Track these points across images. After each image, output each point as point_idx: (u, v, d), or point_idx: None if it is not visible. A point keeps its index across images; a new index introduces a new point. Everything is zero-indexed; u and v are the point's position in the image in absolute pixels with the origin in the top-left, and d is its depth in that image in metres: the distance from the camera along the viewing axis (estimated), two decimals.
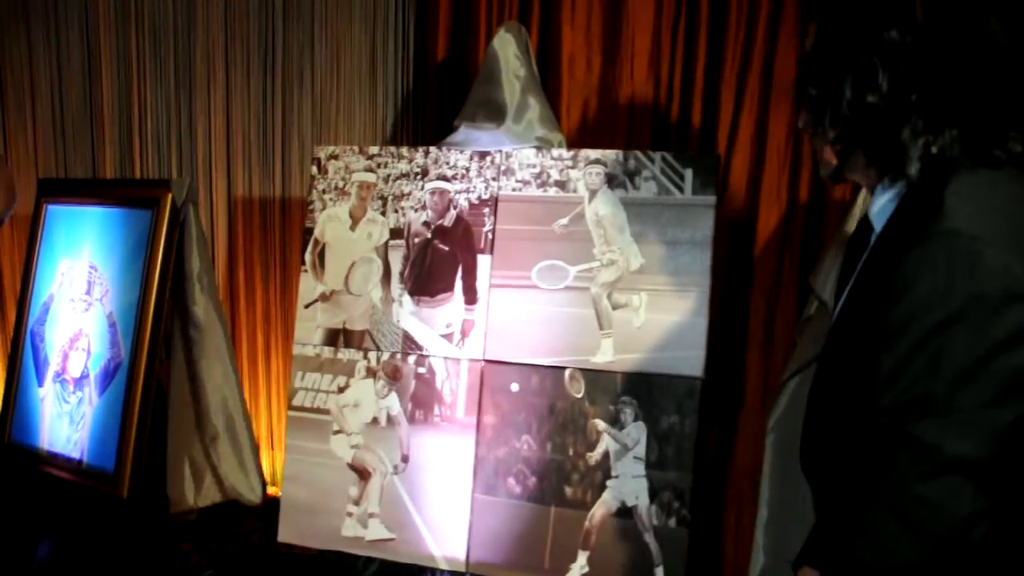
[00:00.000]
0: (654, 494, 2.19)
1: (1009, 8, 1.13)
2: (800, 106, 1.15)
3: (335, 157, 2.57)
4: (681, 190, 2.24)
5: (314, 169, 2.59)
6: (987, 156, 1.01)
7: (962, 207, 0.97)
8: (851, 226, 2.16)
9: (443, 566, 2.35)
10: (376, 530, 2.40)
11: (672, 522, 2.18)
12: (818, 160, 1.18)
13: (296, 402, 2.53)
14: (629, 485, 2.20)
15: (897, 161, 1.04)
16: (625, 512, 2.21)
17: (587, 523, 2.23)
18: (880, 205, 1.10)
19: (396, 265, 2.47)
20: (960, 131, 1.01)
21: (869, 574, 1.04)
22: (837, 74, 1.05)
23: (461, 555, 2.34)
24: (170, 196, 2.89)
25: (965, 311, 0.93)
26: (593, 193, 2.30)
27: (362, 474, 2.44)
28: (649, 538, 2.19)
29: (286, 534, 2.52)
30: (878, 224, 1.11)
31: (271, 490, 3.89)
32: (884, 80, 1.01)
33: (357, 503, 2.43)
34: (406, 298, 2.45)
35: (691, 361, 2.17)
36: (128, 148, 3.70)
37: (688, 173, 2.24)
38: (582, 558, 2.23)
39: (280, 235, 3.60)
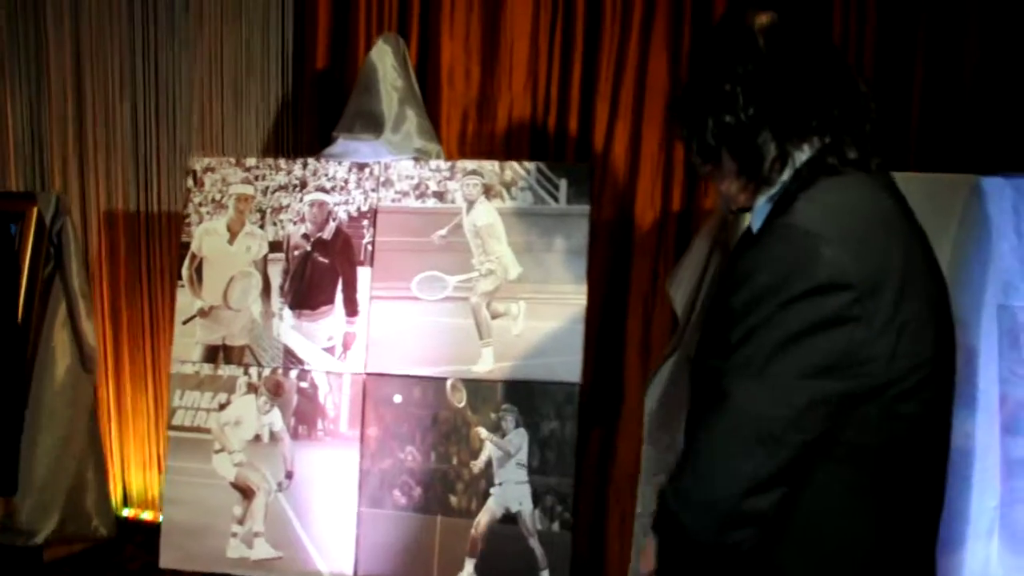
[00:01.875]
0: (537, 499, 2.23)
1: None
2: (686, 151, 1.28)
3: (211, 169, 2.52)
4: (556, 199, 2.30)
5: (190, 181, 2.54)
6: (825, 164, 1.15)
7: (806, 207, 1.10)
8: (702, 245, 2.30)
9: None
10: (262, 549, 2.37)
11: (556, 526, 2.22)
12: (719, 196, 1.33)
13: (176, 421, 2.47)
14: (512, 491, 2.24)
15: (757, 168, 1.18)
16: (510, 518, 2.25)
17: (473, 531, 2.26)
18: (756, 212, 1.24)
19: (276, 279, 2.44)
20: (816, 142, 1.16)
21: (676, 527, 1.11)
22: (703, 106, 1.21)
23: (349, 570, 2.33)
24: (36, 209, 2.78)
25: (796, 296, 1.03)
26: (471, 204, 2.33)
27: (246, 493, 2.40)
28: (534, 543, 2.23)
29: (168, 559, 2.46)
30: (756, 228, 1.24)
31: (151, 515, 3.78)
32: (739, 102, 1.17)
33: (241, 522, 2.39)
34: (287, 312, 2.42)
35: (569, 367, 2.22)
36: None
37: (563, 183, 2.29)
38: (469, 566, 2.26)
39: (158, 249, 3.49)
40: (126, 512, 3.72)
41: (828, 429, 1.05)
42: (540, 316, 2.25)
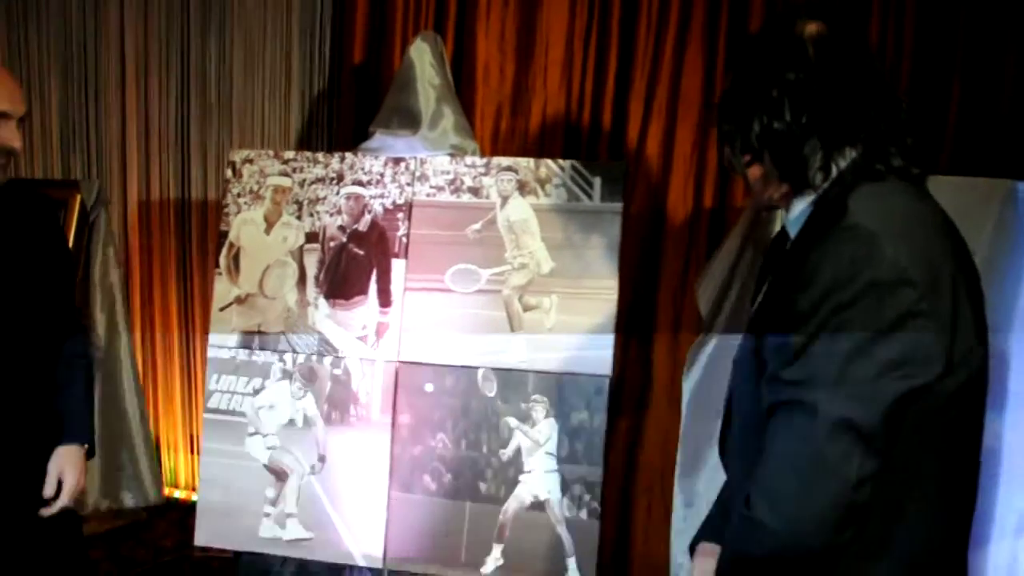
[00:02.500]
0: (565, 488, 2.28)
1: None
2: (720, 144, 1.33)
3: (250, 161, 2.58)
4: (590, 197, 2.34)
5: (229, 173, 2.60)
6: (871, 170, 1.19)
7: (862, 209, 1.13)
8: (733, 243, 2.35)
9: (361, 563, 2.39)
10: (294, 530, 2.43)
11: (583, 514, 2.27)
12: (752, 194, 1.35)
13: (212, 404, 2.53)
14: (541, 480, 2.29)
15: (802, 174, 1.21)
16: (538, 506, 2.29)
17: (501, 517, 2.31)
18: (795, 215, 1.27)
19: (311, 269, 2.50)
20: (857, 149, 1.20)
21: (765, 534, 1.12)
22: (749, 108, 1.24)
23: (379, 552, 2.38)
24: (79, 197, 2.86)
25: (863, 294, 1.06)
26: (505, 199, 2.38)
27: (279, 475, 2.46)
28: (561, 530, 2.27)
29: (203, 537, 2.52)
30: (793, 231, 1.28)
31: (184, 494, 3.87)
32: (787, 109, 1.20)
33: (274, 504, 2.45)
34: (321, 301, 2.48)
35: (600, 360, 2.27)
36: (43, 149, 3.62)
37: (596, 181, 2.34)
38: (497, 551, 2.31)
39: (196, 238, 3.58)
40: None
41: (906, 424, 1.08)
42: (572, 310, 2.30)
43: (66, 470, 1.87)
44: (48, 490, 1.85)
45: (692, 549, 1.44)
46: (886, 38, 2.61)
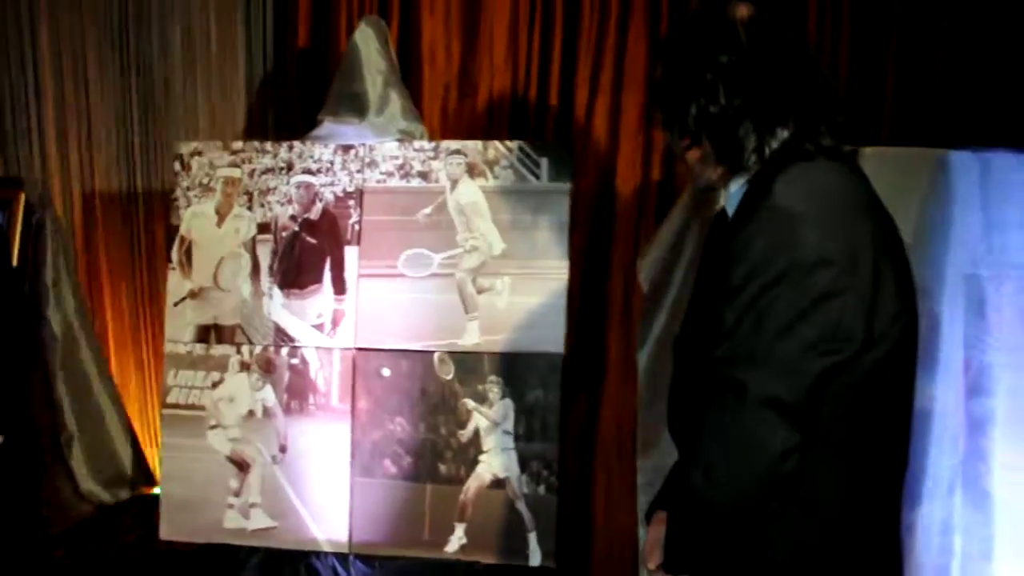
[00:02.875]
0: (524, 465, 2.33)
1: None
2: (665, 134, 1.37)
3: (199, 153, 2.57)
4: (538, 177, 2.37)
5: (177, 166, 2.59)
6: (801, 150, 1.23)
7: (786, 190, 1.17)
8: (676, 220, 2.41)
9: (327, 548, 2.43)
10: (259, 519, 2.45)
11: (542, 490, 2.32)
12: (692, 175, 1.40)
13: (170, 400, 2.54)
14: (500, 458, 2.34)
15: (737, 155, 1.26)
16: (498, 484, 2.34)
17: (462, 497, 2.35)
18: (731, 195, 1.32)
19: (265, 259, 2.50)
20: (788, 129, 1.24)
21: (701, 503, 1.20)
22: (684, 95, 1.27)
23: (344, 537, 2.42)
24: (23, 196, 2.82)
25: (785, 273, 1.11)
26: (455, 183, 2.40)
27: (241, 466, 2.48)
28: (521, 506, 2.33)
29: (168, 531, 2.54)
30: (731, 211, 1.33)
31: (145, 489, 3.85)
32: (721, 92, 1.23)
33: (238, 495, 2.47)
34: (276, 291, 2.49)
35: (552, 338, 2.31)
36: None
37: (544, 161, 2.37)
38: (459, 530, 2.35)
39: (143, 233, 3.52)
40: None
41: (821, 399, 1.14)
42: (524, 291, 2.33)
43: None
44: None
45: (648, 518, 1.50)
46: (824, 13, 2.66)
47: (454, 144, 2.44)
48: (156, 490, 3.61)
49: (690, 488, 1.22)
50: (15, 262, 2.76)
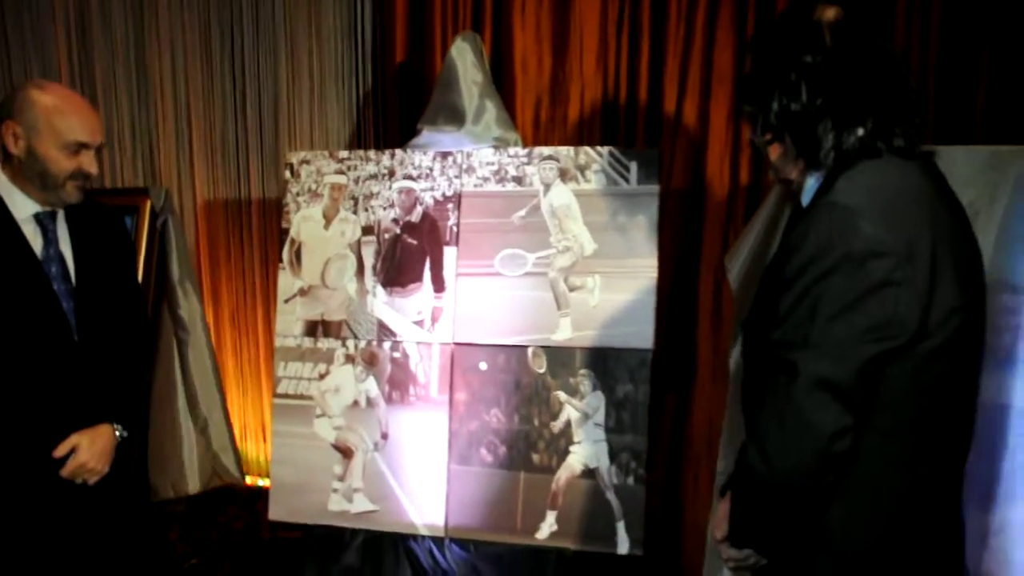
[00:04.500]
0: (613, 456, 2.42)
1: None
2: (740, 120, 1.44)
3: (307, 162, 2.75)
4: (627, 181, 2.46)
5: (287, 173, 2.77)
6: (872, 147, 1.27)
7: (847, 186, 1.23)
8: (763, 218, 2.43)
9: (424, 532, 2.56)
10: (361, 503, 2.60)
11: (631, 480, 2.41)
12: (772, 170, 1.46)
13: (280, 390, 2.71)
14: (590, 449, 2.43)
15: (814, 152, 1.31)
16: (588, 474, 2.44)
17: (554, 485, 2.46)
18: (807, 190, 1.38)
19: (369, 259, 2.66)
20: (865, 128, 1.27)
21: (757, 479, 1.26)
22: (768, 90, 1.33)
23: (440, 521, 2.55)
24: (149, 203, 3.05)
25: (838, 265, 1.17)
26: (548, 186, 2.52)
27: (345, 452, 2.63)
28: (610, 496, 2.42)
29: (276, 512, 2.70)
30: (805, 203, 1.39)
31: (249, 480, 4.06)
32: (804, 91, 1.29)
33: (342, 479, 2.63)
34: (379, 289, 2.65)
35: (642, 335, 2.40)
36: (111, 156, 3.83)
37: (633, 165, 2.46)
38: (551, 517, 2.46)
39: (251, 236, 3.77)
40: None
41: (876, 383, 1.20)
42: (615, 288, 2.43)
43: (82, 444, 1.95)
44: (56, 451, 1.93)
45: (723, 493, 1.57)
46: (912, 13, 2.66)
47: (547, 150, 2.55)
48: (261, 481, 3.84)
49: (747, 465, 1.28)
50: (142, 266, 2.99)
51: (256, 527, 3.66)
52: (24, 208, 1.95)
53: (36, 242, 1.96)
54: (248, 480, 4.06)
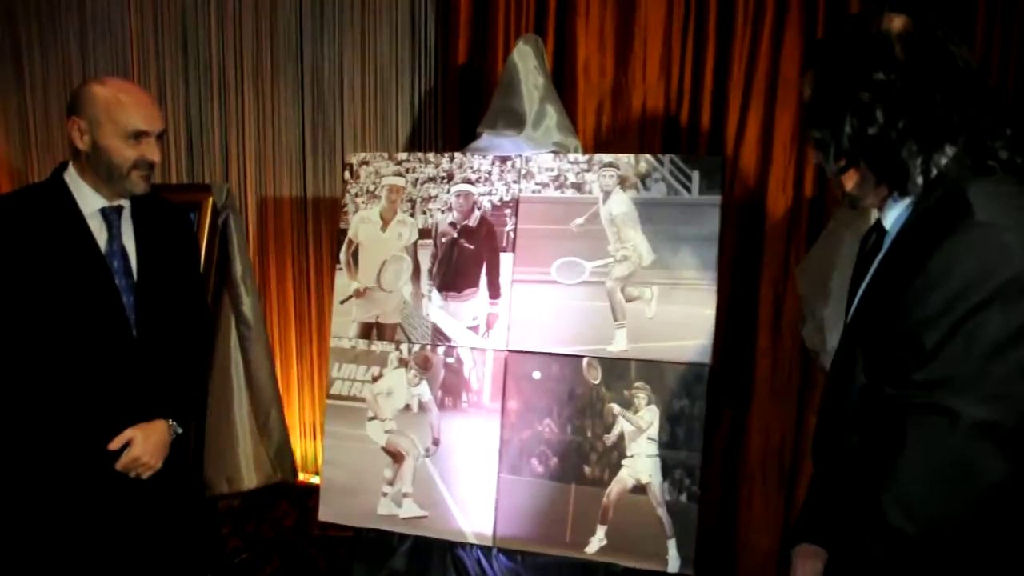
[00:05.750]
0: (666, 472, 2.36)
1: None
2: (808, 145, 1.33)
3: (366, 163, 2.75)
4: (689, 190, 2.41)
5: (346, 174, 2.78)
6: (983, 166, 1.15)
7: (987, 204, 1.09)
8: (838, 230, 2.33)
9: (472, 541, 2.54)
10: (410, 508, 2.59)
11: (683, 498, 2.35)
12: (841, 193, 1.31)
13: (334, 391, 2.72)
14: (643, 464, 2.38)
15: (902, 178, 1.18)
16: (640, 489, 2.39)
17: (605, 499, 2.41)
18: (894, 213, 1.24)
19: (425, 263, 2.65)
20: (957, 145, 1.16)
21: (890, 535, 1.11)
22: (838, 114, 1.20)
23: (489, 530, 2.52)
24: (211, 200, 3.09)
25: (1000, 293, 1.03)
26: (607, 194, 2.47)
27: (396, 457, 2.63)
28: (662, 512, 2.36)
29: (326, 513, 2.71)
30: (893, 230, 1.25)
31: (301, 476, 4.10)
32: (879, 113, 1.17)
33: (391, 484, 2.62)
34: (435, 293, 2.63)
35: (700, 349, 2.34)
36: (174, 153, 3.91)
37: (695, 175, 2.40)
38: (601, 531, 2.41)
39: (310, 236, 3.80)
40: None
41: None
42: (672, 300, 2.38)
43: (136, 438, 1.98)
44: (111, 444, 1.96)
45: (789, 547, 1.42)
46: (994, 16, 2.56)
47: (607, 157, 2.51)
48: (313, 479, 3.86)
49: (881, 525, 1.12)
50: (203, 262, 3.02)
51: (306, 524, 3.69)
52: (91, 203, 2.00)
53: (101, 236, 2.00)
54: (301, 477, 4.10)
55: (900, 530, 1.10)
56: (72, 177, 2.00)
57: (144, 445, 1.99)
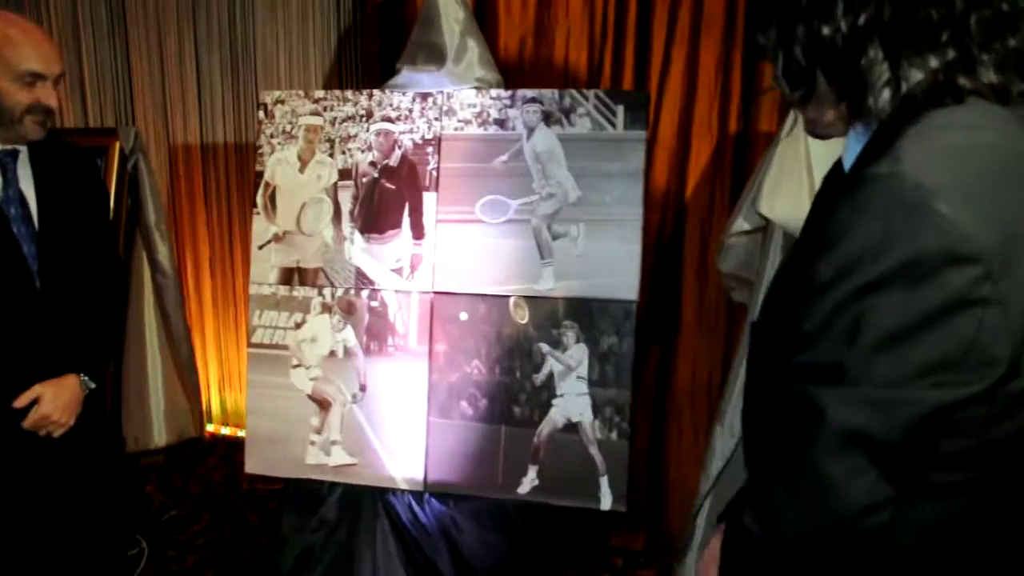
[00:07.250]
0: (597, 410, 2.36)
1: None
2: (758, 60, 1.14)
3: (281, 102, 2.63)
4: (614, 125, 2.37)
5: (261, 114, 2.66)
6: (951, 86, 0.86)
7: (916, 150, 0.82)
8: (783, 147, 2.22)
9: (403, 486, 2.51)
10: (339, 456, 2.54)
11: (614, 435, 2.35)
12: (806, 123, 1.04)
13: (255, 339, 2.63)
14: (573, 403, 2.37)
15: (860, 93, 0.90)
16: (570, 428, 2.38)
17: (535, 439, 2.40)
18: (850, 147, 0.98)
19: (346, 204, 2.56)
20: (938, 57, 0.86)
21: (754, 546, 0.94)
22: (790, 15, 0.93)
23: (419, 475, 2.50)
24: (118, 144, 2.94)
25: (898, 272, 0.79)
26: (531, 130, 2.42)
27: (322, 404, 2.57)
28: (594, 451, 2.36)
29: (253, 465, 2.65)
30: (848, 164, 0.99)
31: (229, 430, 4.02)
32: (839, 7, 0.88)
33: (319, 432, 2.56)
34: (357, 236, 2.55)
35: (627, 285, 2.33)
36: (79, 97, 3.70)
37: (620, 109, 2.36)
38: (532, 472, 2.41)
39: (228, 179, 3.66)
40: (209, 428, 3.98)
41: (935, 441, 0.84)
42: (599, 237, 2.35)
43: (45, 395, 1.89)
44: (16, 402, 1.86)
45: (719, 519, 1.23)
46: None
47: (530, 92, 2.45)
48: (240, 432, 3.79)
49: (740, 525, 0.95)
50: (112, 209, 2.88)
51: (235, 479, 3.63)
52: None
53: None
54: (228, 431, 4.02)
55: (755, 536, 0.93)
56: None
57: (54, 402, 1.90)
